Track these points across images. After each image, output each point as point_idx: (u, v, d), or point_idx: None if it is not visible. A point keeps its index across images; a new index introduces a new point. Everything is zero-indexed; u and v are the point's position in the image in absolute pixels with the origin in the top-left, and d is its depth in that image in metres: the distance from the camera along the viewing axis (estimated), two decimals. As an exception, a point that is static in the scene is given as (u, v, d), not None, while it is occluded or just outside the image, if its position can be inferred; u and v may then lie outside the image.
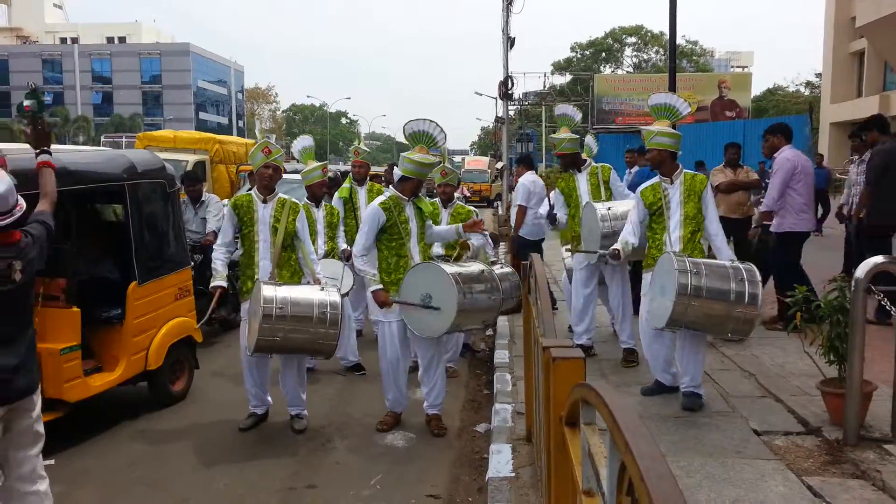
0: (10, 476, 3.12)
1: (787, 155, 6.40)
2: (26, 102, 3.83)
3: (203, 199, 7.60)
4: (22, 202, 3.06)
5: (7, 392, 2.96)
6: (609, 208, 5.54)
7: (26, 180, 3.42)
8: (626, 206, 5.39)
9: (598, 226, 5.44)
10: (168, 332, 5.30)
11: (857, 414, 3.90)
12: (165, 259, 5.37)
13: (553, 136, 6.10)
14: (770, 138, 6.60)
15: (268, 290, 4.42)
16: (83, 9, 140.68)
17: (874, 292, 4.04)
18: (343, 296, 5.91)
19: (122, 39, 76.70)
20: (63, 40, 76.32)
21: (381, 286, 4.67)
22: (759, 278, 4.29)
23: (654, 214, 4.76)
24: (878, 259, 4.09)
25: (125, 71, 70.93)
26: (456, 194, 6.59)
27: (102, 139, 31.61)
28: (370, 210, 4.77)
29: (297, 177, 11.34)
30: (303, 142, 6.07)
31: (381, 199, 4.81)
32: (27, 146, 3.71)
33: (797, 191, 6.30)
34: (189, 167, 10.35)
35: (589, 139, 6.47)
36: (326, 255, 6.07)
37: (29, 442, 3.12)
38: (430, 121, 4.78)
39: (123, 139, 25.39)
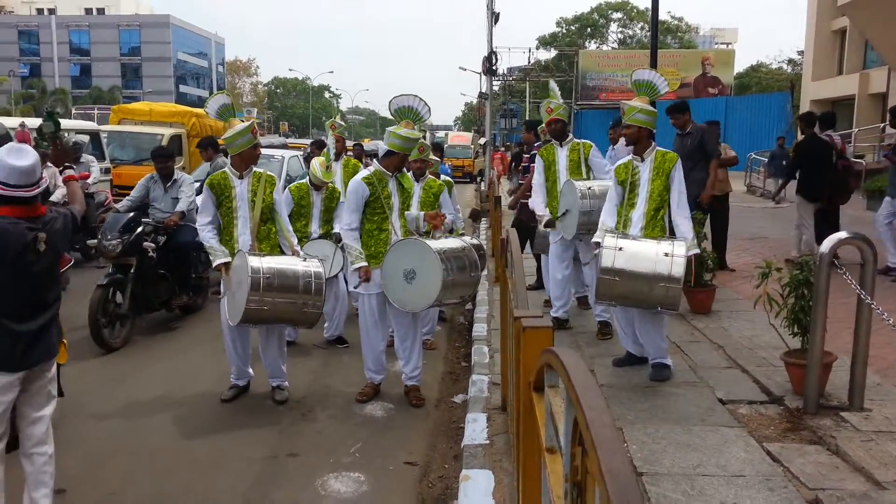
0: (23, 434, 3.26)
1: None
2: (44, 125, 3.84)
3: (176, 177, 7.05)
4: (45, 176, 3.20)
5: (26, 359, 3.12)
6: (590, 187, 5.63)
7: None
8: (606, 185, 5.48)
9: (577, 203, 5.53)
10: None
11: (817, 383, 4.06)
12: None
13: (547, 100, 6.03)
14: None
15: (254, 261, 4.48)
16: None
17: (837, 266, 4.20)
18: (333, 277, 5.99)
19: (100, 10, 75.20)
20: (40, 11, 74.72)
21: (365, 263, 4.74)
22: (683, 253, 4.40)
23: (625, 191, 4.86)
24: (842, 235, 4.25)
25: (104, 43, 69.68)
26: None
27: (73, 111, 30.84)
28: (354, 185, 4.82)
29: (278, 152, 11.26)
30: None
31: (364, 173, 4.86)
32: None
33: None
34: (164, 141, 10.14)
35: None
36: (321, 237, 6.10)
37: (43, 401, 3.30)
38: (416, 96, 4.84)
39: (95, 111, 24.67)
